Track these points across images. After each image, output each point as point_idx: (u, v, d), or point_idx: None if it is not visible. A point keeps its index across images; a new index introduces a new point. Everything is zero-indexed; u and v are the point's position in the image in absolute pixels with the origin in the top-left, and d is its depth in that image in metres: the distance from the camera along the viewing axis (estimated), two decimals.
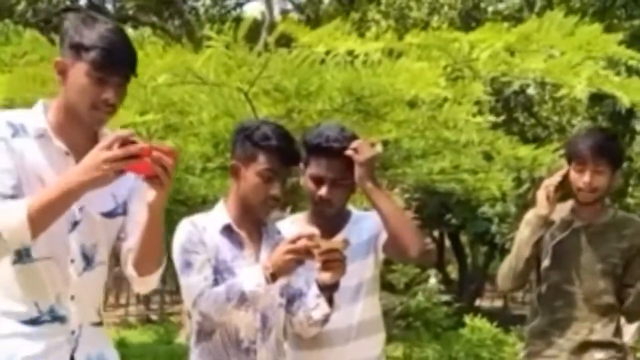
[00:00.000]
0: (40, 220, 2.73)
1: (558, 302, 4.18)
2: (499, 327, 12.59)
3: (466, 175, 7.56)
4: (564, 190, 4.11)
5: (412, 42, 5.96)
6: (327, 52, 5.27)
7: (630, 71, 7.73)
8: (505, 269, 4.27)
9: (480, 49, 5.52)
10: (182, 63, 5.17)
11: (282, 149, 3.48)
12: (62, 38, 2.92)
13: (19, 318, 2.92)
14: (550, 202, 4.08)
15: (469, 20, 15.25)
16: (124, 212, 3.08)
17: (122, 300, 28.98)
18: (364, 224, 3.78)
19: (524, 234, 4.19)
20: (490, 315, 14.75)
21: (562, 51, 5.78)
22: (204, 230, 3.45)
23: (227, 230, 3.53)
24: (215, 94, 5.94)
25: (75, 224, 2.95)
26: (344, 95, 5.93)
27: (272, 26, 25.79)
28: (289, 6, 31.66)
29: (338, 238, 3.43)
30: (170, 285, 27.44)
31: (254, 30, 29.07)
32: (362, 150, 3.56)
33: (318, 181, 3.61)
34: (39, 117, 2.93)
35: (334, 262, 3.31)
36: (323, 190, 3.60)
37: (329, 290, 3.46)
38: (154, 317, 26.19)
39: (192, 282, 3.38)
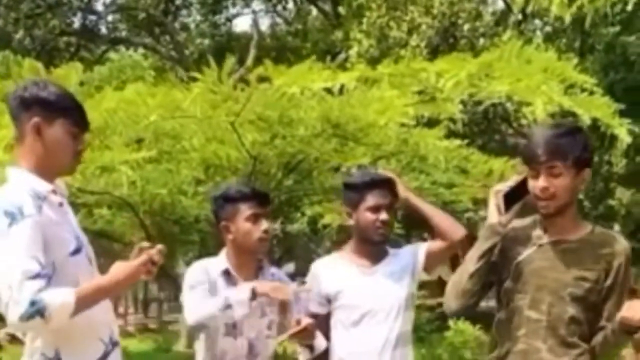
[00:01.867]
0: (82, 308, 3.09)
1: (520, 330, 3.51)
2: (489, 327, 12.94)
3: (442, 189, 7.89)
4: (522, 199, 3.49)
5: (384, 72, 6.36)
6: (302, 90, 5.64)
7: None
8: (450, 289, 3.66)
9: (446, 78, 5.88)
10: (171, 102, 5.55)
11: (257, 194, 4.20)
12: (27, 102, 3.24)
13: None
14: (500, 210, 3.48)
15: (447, 37, 15.65)
16: None
17: (121, 310, 29.20)
18: (400, 255, 4.34)
19: (472, 249, 3.61)
20: (484, 315, 15.10)
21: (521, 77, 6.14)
22: (207, 270, 4.14)
23: (226, 274, 4.17)
24: (204, 124, 6.30)
25: (90, 260, 3.39)
26: (322, 123, 6.29)
27: (260, 45, 26.21)
28: (278, 20, 32.11)
29: (290, 291, 3.99)
30: (168, 294, 27.69)
31: (244, 45, 29.44)
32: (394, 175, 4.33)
33: (377, 210, 4.16)
34: (39, 180, 3.23)
35: (303, 333, 3.95)
36: (383, 215, 4.15)
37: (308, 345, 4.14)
38: (152, 325, 26.38)
39: (194, 299, 4.03)
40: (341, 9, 20.82)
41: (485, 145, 15.91)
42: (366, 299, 4.19)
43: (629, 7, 3.61)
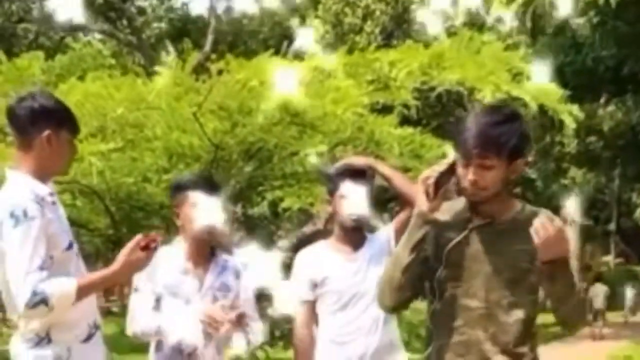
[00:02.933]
0: (82, 297, 3.50)
1: (456, 321, 3.29)
2: None
3: None
4: (449, 182, 3.27)
5: (339, 62, 6.60)
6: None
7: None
8: (382, 283, 3.41)
9: (398, 68, 6.12)
10: (136, 94, 5.75)
11: (205, 182, 4.36)
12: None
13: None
14: (429, 197, 3.22)
15: (401, 23, 15.90)
16: None
17: None
18: (376, 239, 4.60)
19: (403, 238, 3.36)
20: None
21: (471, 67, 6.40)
22: (158, 263, 4.09)
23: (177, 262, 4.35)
24: (167, 114, 6.49)
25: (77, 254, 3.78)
26: (280, 112, 6.51)
27: (217, 29, 26.25)
28: (235, 4, 32.11)
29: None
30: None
31: (201, 29, 29.41)
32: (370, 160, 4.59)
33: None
34: (38, 184, 3.59)
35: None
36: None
37: None
38: (114, 309, 26.48)
39: (137, 307, 4.34)
40: None
41: (440, 127, 16.22)
42: (350, 284, 4.43)
43: None
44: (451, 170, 3.23)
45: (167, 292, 4.30)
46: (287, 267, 4.71)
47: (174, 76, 5.94)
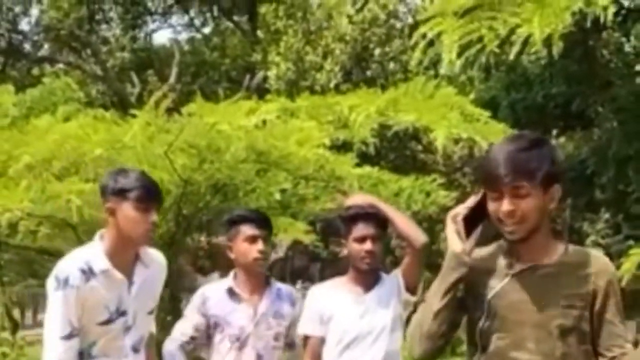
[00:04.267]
0: None
1: None
2: None
3: None
4: (480, 222, 3.07)
5: (302, 104, 7.00)
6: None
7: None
8: (412, 330, 3.17)
9: (357, 112, 6.50)
10: (113, 136, 6.11)
11: (256, 217, 4.86)
12: (102, 191, 3.99)
13: None
14: (461, 236, 3.02)
15: (359, 61, 16.36)
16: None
17: (40, 317, 29.16)
18: (387, 280, 4.64)
19: (435, 282, 3.10)
20: None
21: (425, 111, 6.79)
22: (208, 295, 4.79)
23: (230, 292, 4.76)
24: (139, 153, 6.83)
25: (128, 328, 4.00)
26: (247, 152, 6.87)
27: (183, 63, 26.57)
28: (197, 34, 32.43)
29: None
30: None
31: (164, 60, 29.64)
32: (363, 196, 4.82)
33: (362, 240, 4.47)
34: (102, 258, 3.91)
35: None
36: (368, 245, 4.47)
37: None
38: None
39: None
40: (260, 33, 21.40)
41: (396, 161, 16.67)
42: (355, 325, 4.49)
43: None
44: (481, 207, 3.01)
45: (221, 321, 4.68)
46: None
47: (147, 118, 6.30)
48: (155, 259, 4.25)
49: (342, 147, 8.00)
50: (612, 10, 4.54)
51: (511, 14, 4.55)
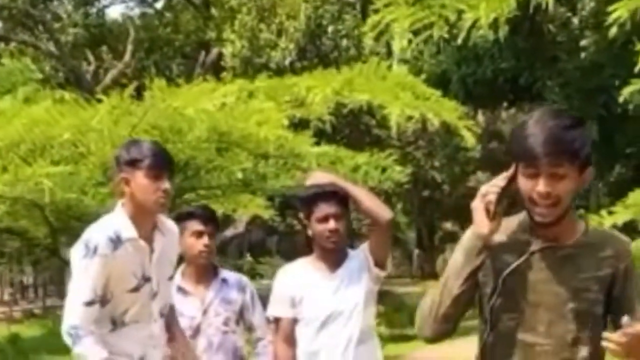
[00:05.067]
0: None
1: (512, 358, 2.84)
2: None
3: None
4: (508, 199, 2.84)
5: (260, 85, 7.26)
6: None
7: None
8: (425, 310, 2.91)
9: (314, 93, 6.77)
10: (81, 120, 6.34)
11: (201, 213, 5.08)
12: (117, 162, 4.15)
13: None
14: (491, 217, 2.79)
15: (313, 38, 16.57)
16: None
17: (6, 297, 29.24)
18: (355, 256, 4.64)
19: (455, 263, 2.86)
20: None
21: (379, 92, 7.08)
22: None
23: (179, 289, 4.96)
24: (104, 135, 7.05)
25: (154, 294, 4.21)
26: (209, 133, 7.12)
27: (136, 39, 26.61)
28: (149, 10, 32.36)
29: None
30: (44, 279, 27.87)
31: (117, 36, 29.57)
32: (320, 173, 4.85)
33: (325, 220, 4.48)
34: (129, 226, 4.09)
35: None
36: (332, 224, 4.47)
37: None
38: (37, 311, 26.57)
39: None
40: (214, 11, 21.50)
41: (351, 136, 16.97)
42: (328, 303, 4.49)
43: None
44: (510, 185, 2.80)
45: (177, 314, 4.74)
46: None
47: (113, 102, 6.52)
48: (170, 228, 4.39)
49: (299, 125, 8.26)
50: None
51: (458, 2, 4.77)
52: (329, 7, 17.24)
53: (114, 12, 59.05)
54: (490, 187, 2.81)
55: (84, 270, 4.02)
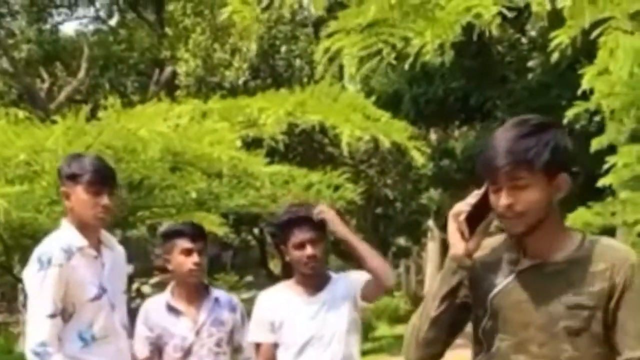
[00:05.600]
0: None
1: None
2: None
3: (267, 202, 8.89)
4: (486, 216, 2.76)
5: (214, 107, 7.39)
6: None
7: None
8: (408, 334, 2.88)
9: (267, 114, 6.90)
10: (36, 141, 6.43)
11: (190, 231, 5.00)
12: (59, 175, 4.19)
13: None
14: (464, 237, 2.74)
15: (267, 58, 16.70)
16: None
17: None
18: (339, 283, 4.54)
19: (433, 285, 2.85)
20: None
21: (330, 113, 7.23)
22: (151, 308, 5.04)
23: (169, 307, 4.92)
24: (59, 155, 7.12)
25: (113, 306, 4.22)
26: (162, 152, 7.22)
27: (91, 56, 26.51)
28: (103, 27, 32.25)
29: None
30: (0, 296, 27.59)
31: (71, 53, 29.41)
32: (324, 210, 4.51)
33: (301, 246, 4.39)
34: (78, 236, 4.10)
35: None
36: (309, 250, 4.38)
37: None
38: None
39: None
40: (168, 29, 21.58)
41: (305, 154, 17.07)
42: (307, 328, 4.42)
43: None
44: (486, 201, 2.73)
45: (165, 333, 4.85)
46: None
47: (67, 123, 6.61)
48: (116, 244, 4.46)
49: (252, 144, 8.38)
50: (497, 22, 4.92)
51: (405, 29, 4.90)
52: (282, 28, 17.40)
53: (68, 29, 58.66)
54: (461, 206, 2.77)
55: (41, 283, 4.01)
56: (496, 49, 17.81)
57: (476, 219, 2.76)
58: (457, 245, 2.75)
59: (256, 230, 28.66)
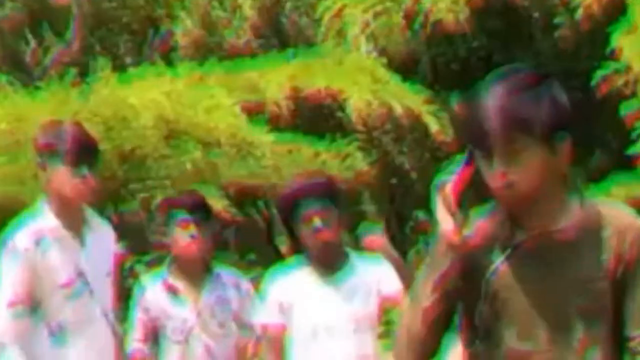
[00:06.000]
0: None
1: None
2: None
3: (270, 172, 8.96)
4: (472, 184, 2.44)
5: (212, 71, 7.46)
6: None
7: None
8: (401, 331, 2.58)
9: (268, 79, 6.98)
10: (19, 110, 6.51)
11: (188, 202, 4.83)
12: (34, 146, 4.08)
13: None
14: (451, 210, 2.41)
15: (270, 16, 16.62)
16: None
17: None
18: (363, 268, 4.36)
19: (422, 274, 2.55)
20: None
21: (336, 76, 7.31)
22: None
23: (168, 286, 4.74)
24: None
25: (91, 292, 4.07)
26: (155, 120, 7.29)
27: (82, 17, 26.50)
28: None
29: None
30: None
31: (60, 14, 29.46)
32: (375, 241, 4.63)
33: (309, 219, 4.20)
34: (50, 218, 3.99)
35: None
36: (317, 222, 4.18)
37: None
38: None
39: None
40: None
41: (312, 120, 17.04)
42: (318, 313, 4.25)
43: None
44: (472, 168, 2.43)
45: (161, 315, 4.71)
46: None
47: (52, 89, 6.68)
48: (102, 224, 4.27)
49: (253, 110, 8.43)
50: None
51: None
52: None
53: None
54: (446, 177, 2.43)
55: (6, 270, 3.92)
56: (522, 5, 17.71)
57: (463, 191, 2.45)
58: (446, 222, 2.41)
59: (261, 204, 28.54)
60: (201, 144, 7.79)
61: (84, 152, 4.00)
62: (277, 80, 6.84)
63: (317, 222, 4.19)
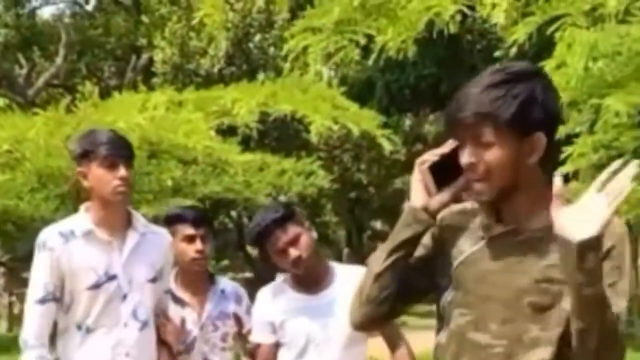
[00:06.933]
0: None
1: None
2: None
3: (241, 188, 9.17)
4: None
5: (189, 97, 7.66)
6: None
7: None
8: (355, 291, 2.56)
9: (239, 105, 7.16)
10: (19, 133, 6.68)
11: (192, 216, 4.51)
12: (73, 158, 4.01)
13: None
14: (428, 188, 2.41)
15: (242, 47, 16.93)
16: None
17: None
18: (351, 282, 3.94)
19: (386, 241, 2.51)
20: None
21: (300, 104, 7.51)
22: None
23: (172, 296, 4.41)
24: (41, 146, 7.38)
25: (124, 295, 3.93)
26: (140, 141, 7.48)
27: (70, 44, 26.59)
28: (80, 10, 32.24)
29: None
30: None
31: (49, 37, 29.42)
32: None
33: (283, 252, 3.96)
34: (85, 219, 3.92)
35: None
36: (292, 253, 3.94)
37: None
38: None
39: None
40: (144, 17, 21.73)
41: (279, 140, 17.31)
42: (307, 329, 4.07)
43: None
44: (456, 157, 2.37)
45: None
46: None
47: (48, 114, 6.88)
48: (156, 230, 4.14)
49: (227, 132, 8.64)
50: (457, 19, 5.15)
51: (369, 27, 5.13)
52: (257, 16, 17.64)
53: (45, 13, 58.38)
54: (428, 156, 2.47)
55: (35, 267, 3.84)
56: (466, 38, 18.09)
57: (447, 174, 2.41)
58: (417, 197, 2.43)
59: (234, 213, 28.87)
60: (180, 163, 8.06)
61: (120, 152, 3.91)
62: (248, 105, 7.04)
63: (292, 253, 3.97)
